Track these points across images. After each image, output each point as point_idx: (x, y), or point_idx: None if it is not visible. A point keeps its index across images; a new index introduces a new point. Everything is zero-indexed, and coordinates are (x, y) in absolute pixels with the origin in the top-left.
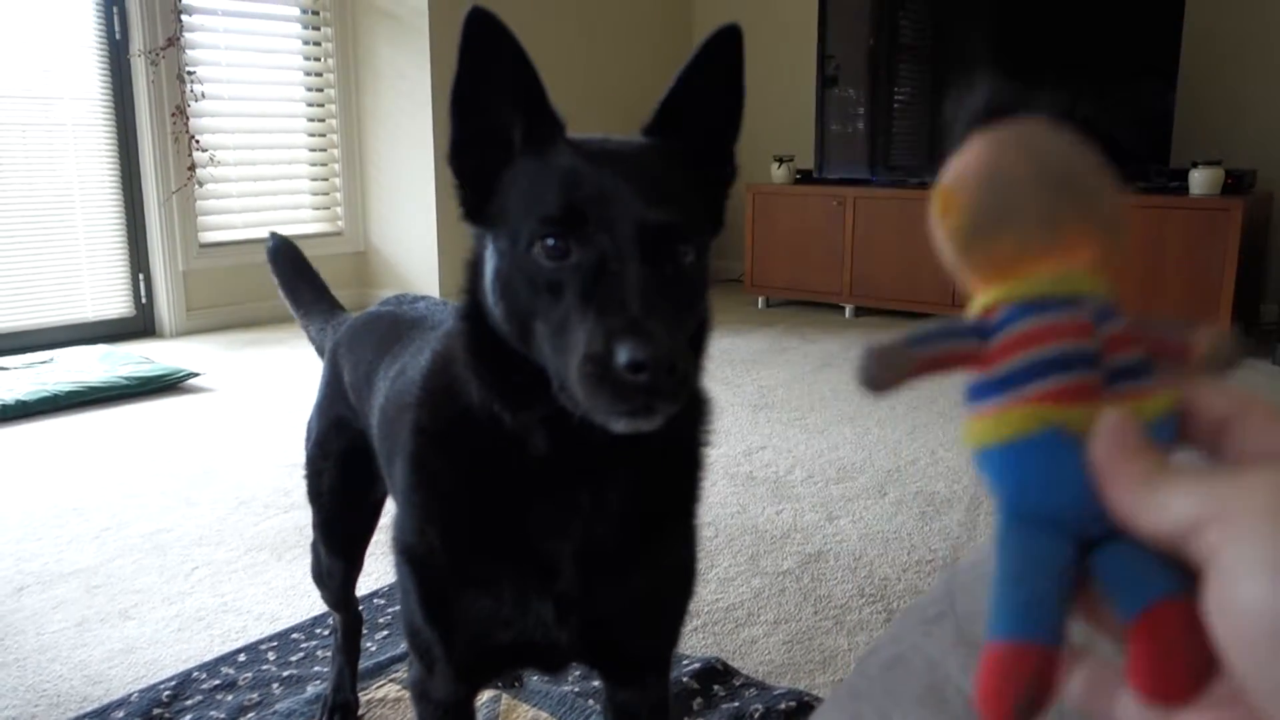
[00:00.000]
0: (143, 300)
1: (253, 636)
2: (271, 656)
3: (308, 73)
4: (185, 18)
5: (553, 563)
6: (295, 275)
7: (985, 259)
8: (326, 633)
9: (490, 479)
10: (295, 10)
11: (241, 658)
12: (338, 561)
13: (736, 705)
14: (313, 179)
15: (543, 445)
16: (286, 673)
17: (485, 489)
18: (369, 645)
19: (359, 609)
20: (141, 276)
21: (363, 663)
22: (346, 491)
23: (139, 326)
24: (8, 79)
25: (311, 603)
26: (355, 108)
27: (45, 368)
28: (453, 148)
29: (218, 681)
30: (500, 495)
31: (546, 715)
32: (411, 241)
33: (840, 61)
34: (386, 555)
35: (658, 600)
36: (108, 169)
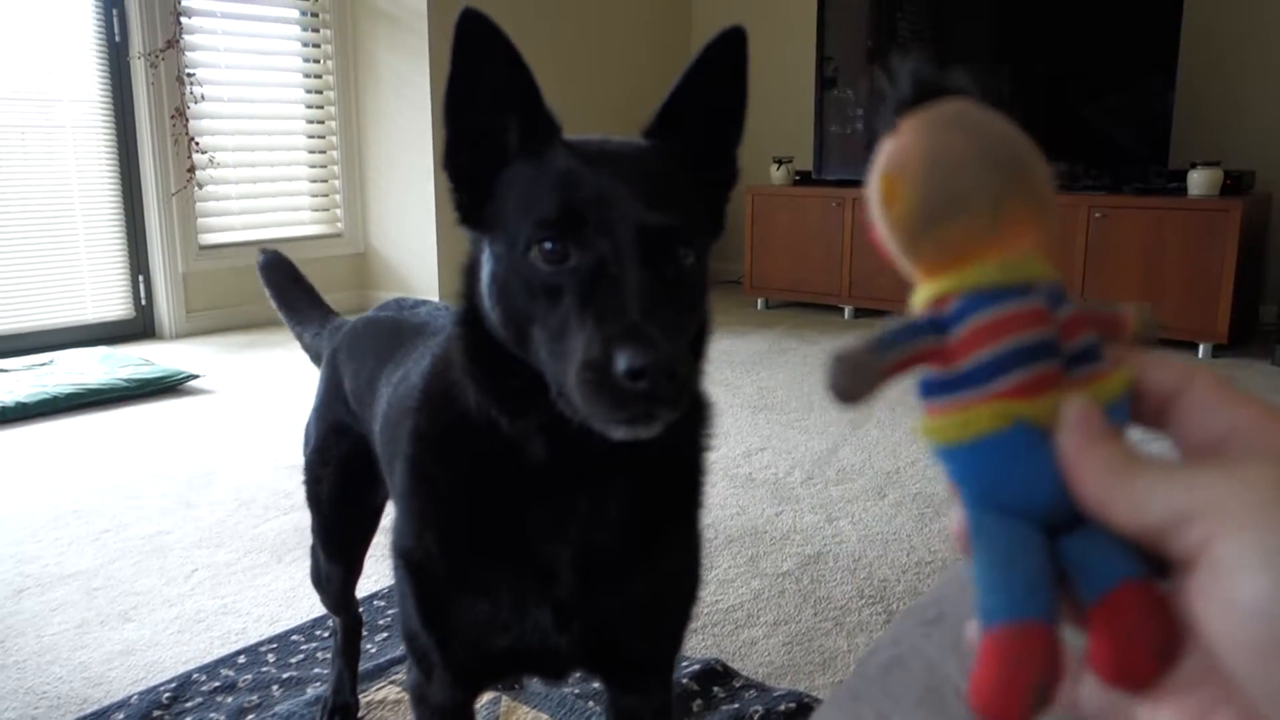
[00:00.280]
0: (142, 302)
1: (253, 638)
2: (271, 658)
3: (307, 74)
4: (185, 20)
5: (551, 568)
6: (288, 286)
7: (934, 247)
8: (326, 635)
9: (489, 484)
10: (294, 12)
11: (241, 660)
12: (337, 566)
13: (736, 707)
14: (312, 181)
15: (541, 451)
16: (286, 675)
17: (484, 494)
18: (369, 647)
19: (359, 611)
20: (141, 278)
21: (363, 665)
22: (345, 497)
23: (139, 328)
24: (7, 81)
25: (311, 605)
26: (355, 109)
27: (45, 370)
28: (447, 151)
29: (217, 683)
30: (498, 500)
31: (546, 717)
32: (411, 243)
33: (839, 63)
34: (387, 557)
35: (659, 605)
36: (107, 171)
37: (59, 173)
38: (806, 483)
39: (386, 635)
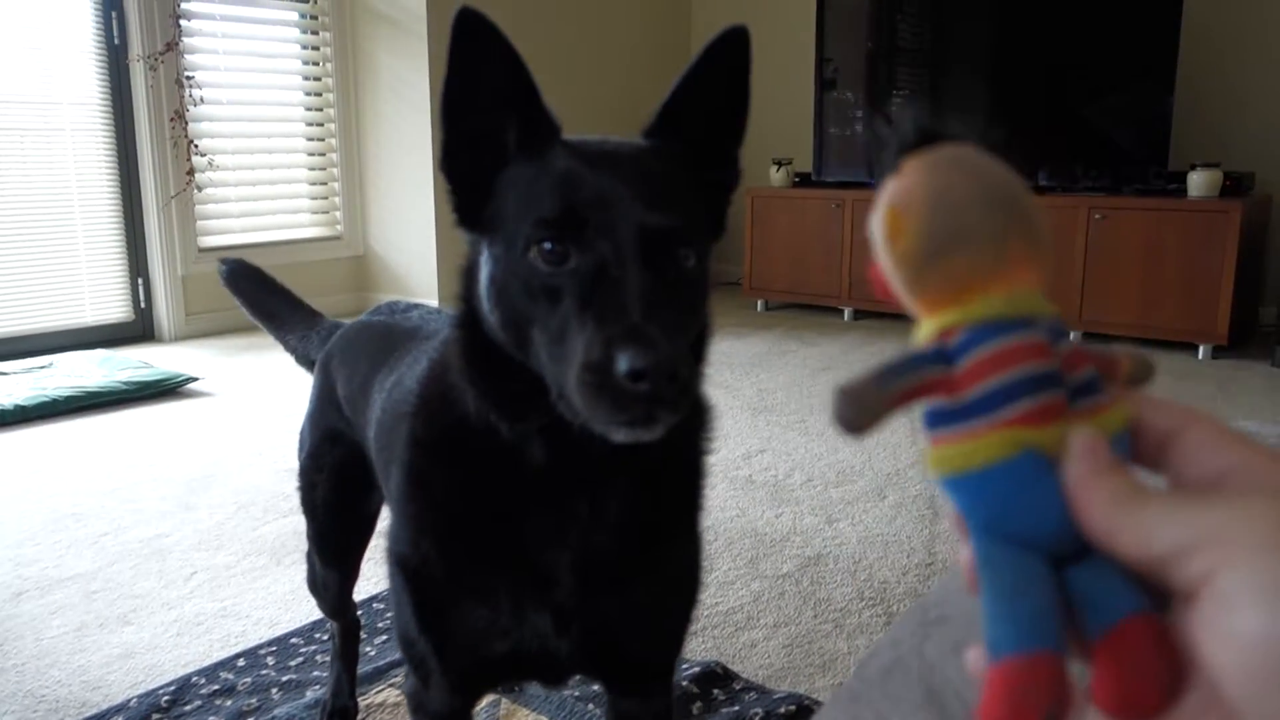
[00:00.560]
0: (142, 305)
1: (252, 641)
2: (270, 661)
3: (306, 77)
4: (184, 23)
5: (551, 573)
6: (260, 293)
7: (939, 281)
8: (325, 638)
9: (487, 489)
10: (294, 15)
11: (240, 663)
12: (333, 572)
13: (736, 709)
14: (311, 183)
15: (540, 455)
16: (285, 678)
17: (482, 499)
18: (368, 650)
19: (357, 615)
20: (140, 281)
21: (362, 667)
22: (340, 503)
23: (138, 331)
24: (6, 84)
25: (310, 608)
26: (354, 112)
27: (44, 373)
28: (444, 152)
29: (217, 686)
30: (497, 505)
31: None
32: (410, 245)
33: (838, 64)
34: (384, 561)
35: (659, 609)
36: (106, 174)
37: (58, 175)
38: (806, 484)
39: (385, 638)
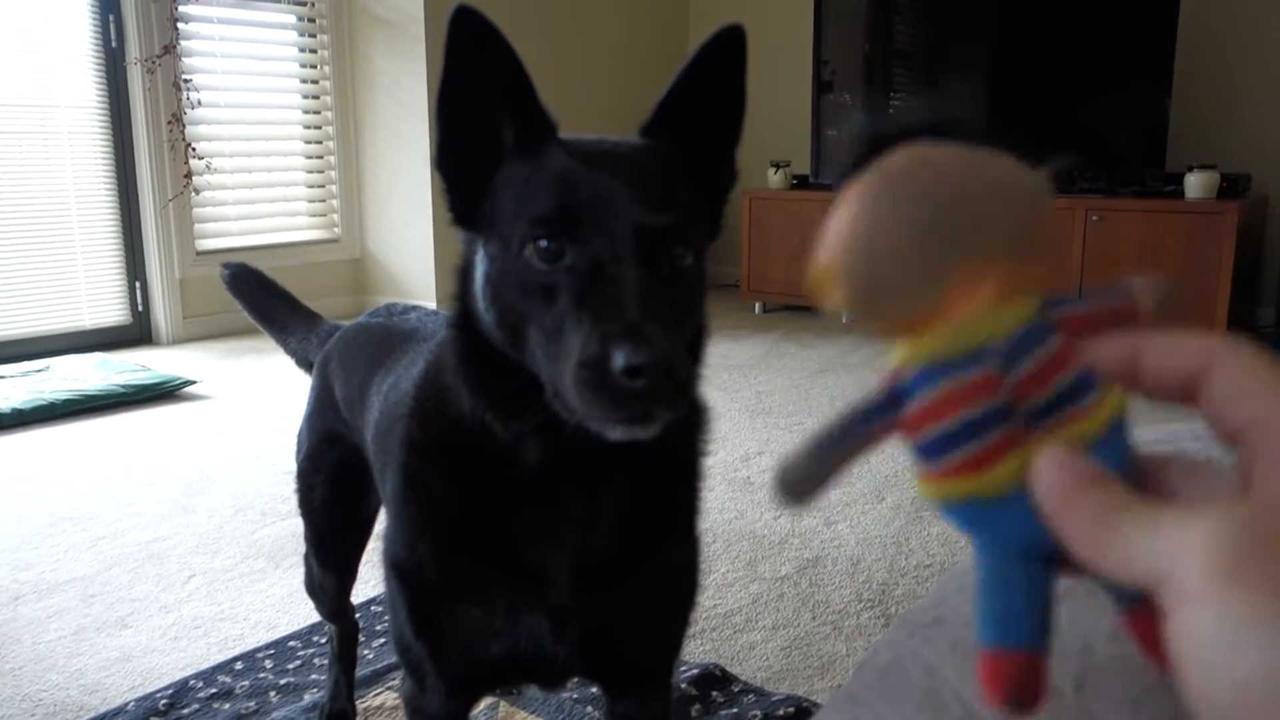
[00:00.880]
0: (139, 308)
1: (250, 644)
2: (269, 664)
3: (304, 80)
4: (181, 25)
5: (547, 575)
6: (261, 296)
7: (881, 326)
8: (324, 641)
9: (482, 490)
10: (291, 18)
11: (238, 666)
12: (330, 574)
13: (735, 711)
14: (309, 186)
15: (536, 455)
16: (284, 681)
17: (477, 501)
18: (366, 653)
19: (355, 618)
20: (138, 284)
21: (360, 670)
22: (338, 505)
23: (135, 334)
24: (3, 87)
25: (309, 610)
26: (351, 114)
27: (41, 376)
28: (440, 151)
29: (214, 690)
30: (492, 507)
31: None
32: (408, 247)
33: (836, 67)
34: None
35: (657, 611)
36: (104, 177)
37: (55, 178)
38: None
39: (383, 641)
